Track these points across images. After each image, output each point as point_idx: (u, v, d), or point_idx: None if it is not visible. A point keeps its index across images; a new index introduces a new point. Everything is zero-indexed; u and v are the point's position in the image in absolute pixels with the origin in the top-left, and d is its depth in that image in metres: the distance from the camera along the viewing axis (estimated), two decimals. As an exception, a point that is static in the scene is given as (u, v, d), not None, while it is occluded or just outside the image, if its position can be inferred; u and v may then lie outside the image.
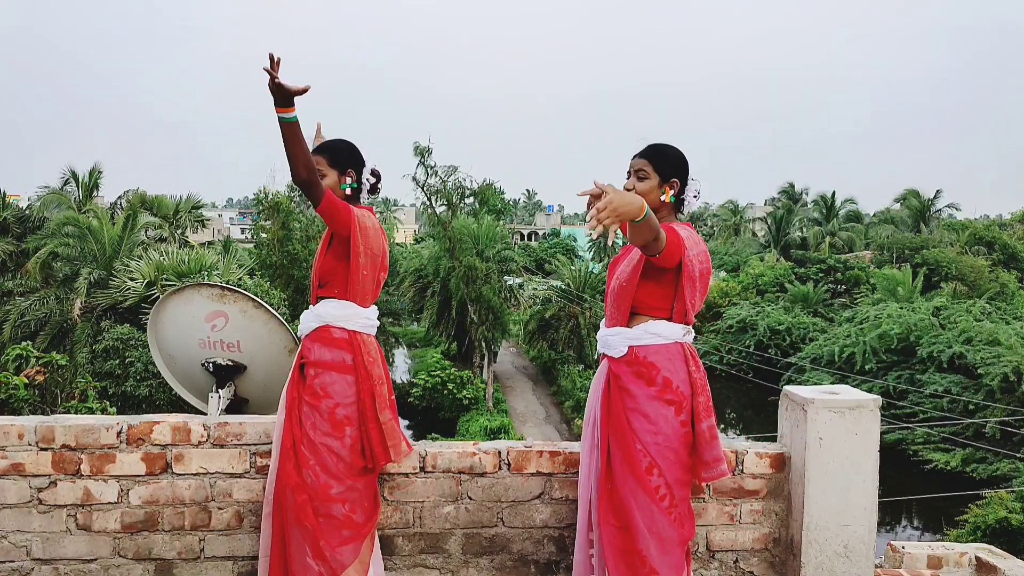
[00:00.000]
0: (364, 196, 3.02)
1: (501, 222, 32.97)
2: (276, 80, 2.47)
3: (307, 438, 2.75)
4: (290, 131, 2.53)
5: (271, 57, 2.47)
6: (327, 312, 2.85)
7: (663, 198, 2.67)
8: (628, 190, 2.67)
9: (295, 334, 3.21)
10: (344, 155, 2.94)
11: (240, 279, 16.99)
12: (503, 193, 32.68)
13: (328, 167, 2.90)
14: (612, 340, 2.68)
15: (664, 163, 2.69)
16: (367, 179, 3.00)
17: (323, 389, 2.80)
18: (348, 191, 2.93)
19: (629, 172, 2.75)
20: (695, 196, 2.72)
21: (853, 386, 3.26)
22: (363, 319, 2.88)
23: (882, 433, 3.30)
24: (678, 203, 2.73)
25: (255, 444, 2.96)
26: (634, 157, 2.74)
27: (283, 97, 2.49)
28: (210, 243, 34.92)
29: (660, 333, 2.63)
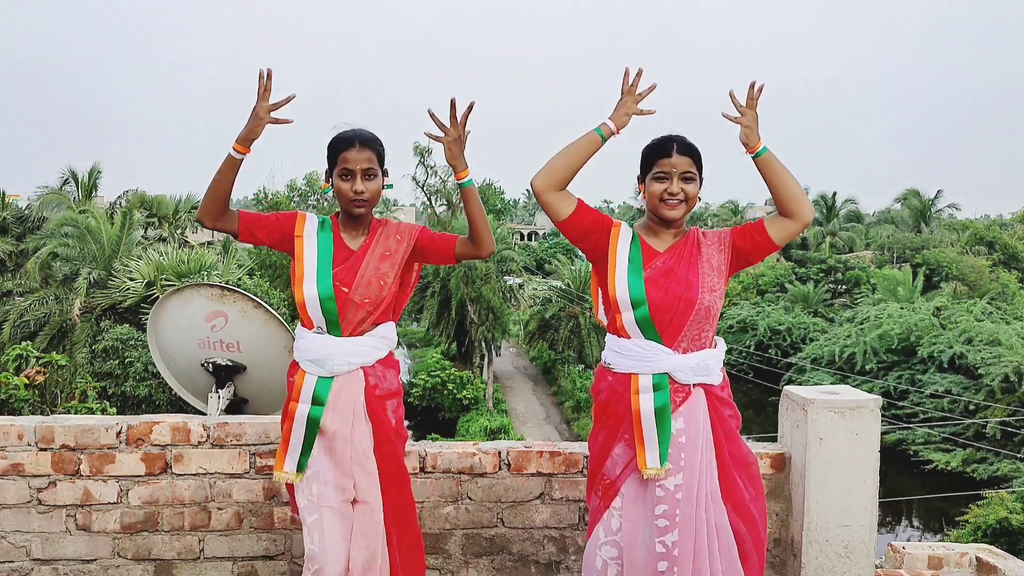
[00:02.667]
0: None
1: (501, 222, 33.00)
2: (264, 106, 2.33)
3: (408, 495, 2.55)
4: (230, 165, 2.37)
5: (266, 74, 2.31)
6: (392, 334, 2.53)
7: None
8: (672, 195, 2.33)
9: (294, 334, 3.11)
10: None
11: (240, 279, 16.97)
12: (503, 193, 32.70)
13: (379, 167, 2.48)
14: (713, 365, 2.36)
15: (701, 162, 2.40)
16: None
17: (401, 419, 2.54)
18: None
19: (667, 174, 2.33)
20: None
21: (853, 386, 3.25)
22: None
23: (882, 433, 3.29)
24: None
25: (255, 444, 2.95)
26: (674, 154, 2.34)
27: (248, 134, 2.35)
28: (210, 243, 34.87)
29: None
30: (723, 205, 67.43)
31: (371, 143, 2.44)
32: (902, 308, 27.27)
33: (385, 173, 2.49)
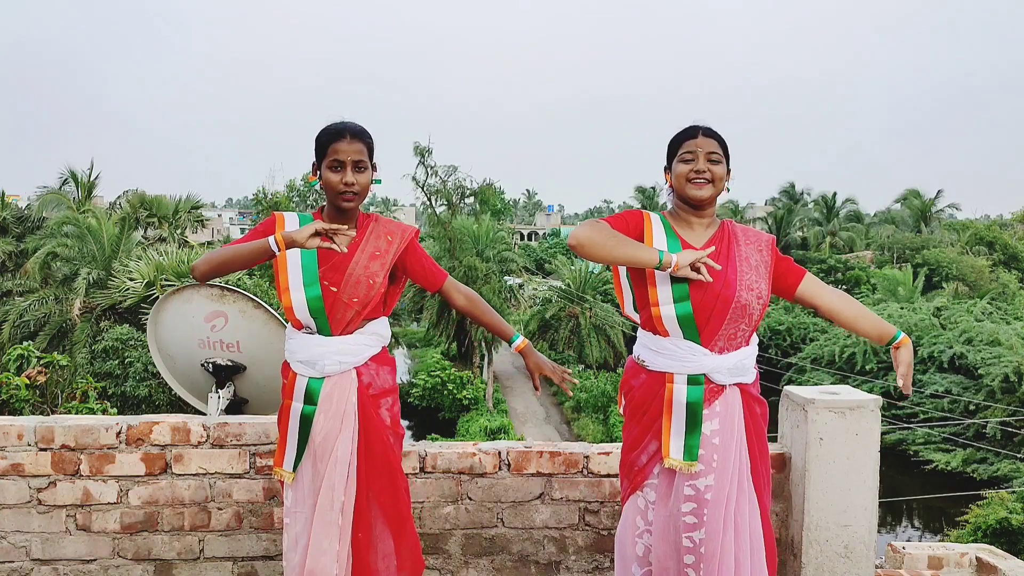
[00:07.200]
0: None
1: (501, 222, 33.05)
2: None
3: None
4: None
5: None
6: (384, 330, 2.47)
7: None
8: (699, 172, 2.26)
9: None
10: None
11: (240, 279, 16.98)
12: (503, 193, 32.70)
13: (369, 160, 2.39)
14: (749, 364, 2.35)
15: (728, 150, 2.35)
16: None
17: (396, 417, 2.48)
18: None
19: (693, 155, 2.26)
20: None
21: (853, 386, 3.25)
22: None
23: (883, 433, 3.28)
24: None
25: (255, 444, 2.95)
26: (700, 136, 2.28)
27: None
28: (210, 243, 34.91)
29: None
30: (723, 205, 67.38)
31: (361, 135, 2.37)
32: (902, 308, 27.28)
33: (374, 167, 2.40)
